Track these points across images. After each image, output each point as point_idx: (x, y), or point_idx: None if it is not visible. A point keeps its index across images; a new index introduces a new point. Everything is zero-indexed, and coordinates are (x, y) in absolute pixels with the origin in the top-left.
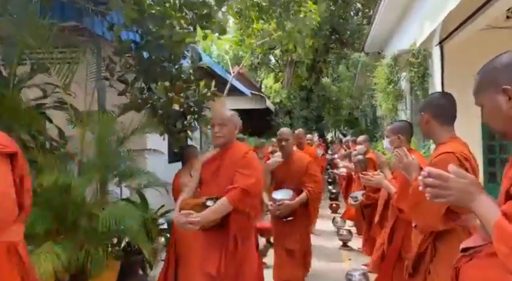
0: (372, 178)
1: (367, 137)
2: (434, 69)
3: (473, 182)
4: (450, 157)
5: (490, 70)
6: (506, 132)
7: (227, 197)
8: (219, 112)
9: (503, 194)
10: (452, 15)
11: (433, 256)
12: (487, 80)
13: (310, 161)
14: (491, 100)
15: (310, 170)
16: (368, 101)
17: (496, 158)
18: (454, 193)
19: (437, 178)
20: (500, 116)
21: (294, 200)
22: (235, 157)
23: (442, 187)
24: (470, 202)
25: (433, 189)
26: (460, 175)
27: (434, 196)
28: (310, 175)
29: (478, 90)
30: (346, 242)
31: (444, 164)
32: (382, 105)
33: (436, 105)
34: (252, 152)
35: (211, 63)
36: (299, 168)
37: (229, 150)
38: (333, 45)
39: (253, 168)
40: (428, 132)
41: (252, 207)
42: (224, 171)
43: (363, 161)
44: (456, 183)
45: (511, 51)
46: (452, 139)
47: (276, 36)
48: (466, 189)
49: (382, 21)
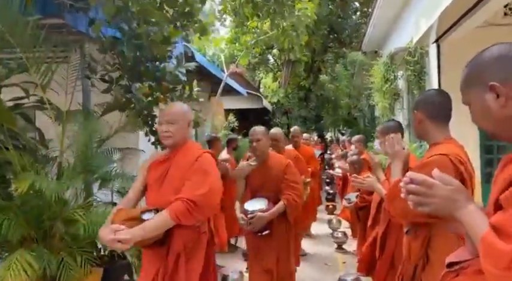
0: (364, 181)
1: (361, 137)
2: (431, 68)
3: (459, 189)
4: (443, 159)
5: (477, 64)
6: (495, 133)
7: (168, 210)
8: (168, 108)
9: (492, 204)
10: (448, 12)
11: (425, 264)
12: (473, 76)
13: (288, 165)
14: (478, 98)
15: (288, 175)
16: (366, 100)
17: (494, 159)
18: (438, 201)
19: (420, 184)
20: (488, 116)
21: (270, 210)
22: (186, 161)
23: (426, 194)
24: (456, 210)
25: (415, 196)
26: (445, 181)
27: (417, 204)
28: (288, 181)
29: (464, 87)
30: (341, 244)
31: (436, 167)
32: (378, 104)
33: (430, 104)
34: (207, 155)
35: (205, 63)
36: (276, 173)
37: (180, 152)
38: (331, 45)
39: (206, 174)
40: (422, 132)
41: (204, 221)
42: (171, 177)
43: (357, 161)
44: (441, 190)
45: (502, 43)
46: (447, 140)
47: (271, 34)
48: (452, 197)
49: (379, 19)
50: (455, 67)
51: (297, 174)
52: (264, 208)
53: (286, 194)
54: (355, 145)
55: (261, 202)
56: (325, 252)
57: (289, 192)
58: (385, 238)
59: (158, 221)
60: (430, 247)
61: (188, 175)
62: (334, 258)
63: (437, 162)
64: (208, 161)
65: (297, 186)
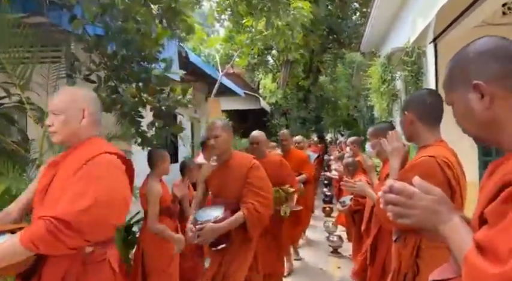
0: (355, 185)
1: (356, 139)
2: (428, 68)
3: (441, 200)
4: (430, 161)
5: (460, 60)
6: (478, 136)
7: (21, 234)
8: (55, 95)
9: (477, 217)
10: (445, 11)
11: (415, 274)
12: (456, 73)
13: (253, 167)
14: (461, 98)
15: (252, 179)
16: (364, 101)
17: (491, 161)
18: (418, 212)
19: (399, 193)
20: (471, 118)
21: (226, 220)
22: (73, 164)
23: (406, 204)
24: (439, 224)
25: (394, 208)
26: (426, 190)
27: (396, 215)
28: (251, 185)
29: (446, 85)
30: (336, 248)
31: (420, 170)
32: (376, 105)
33: (421, 104)
34: (105, 156)
35: (200, 63)
36: (238, 175)
37: (74, 152)
38: (331, 45)
39: (91, 182)
40: (412, 134)
41: (107, 244)
42: (53, 186)
43: (351, 164)
44: (421, 200)
45: (488, 37)
46: (437, 142)
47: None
48: (433, 208)
49: (377, 19)
50: None
51: (265, 179)
52: (220, 216)
53: (248, 202)
54: (350, 146)
55: (216, 210)
56: (320, 256)
57: (251, 200)
58: (376, 244)
59: (5, 249)
60: (420, 256)
61: (69, 183)
62: (329, 262)
63: (423, 165)
64: (102, 165)
65: (262, 193)
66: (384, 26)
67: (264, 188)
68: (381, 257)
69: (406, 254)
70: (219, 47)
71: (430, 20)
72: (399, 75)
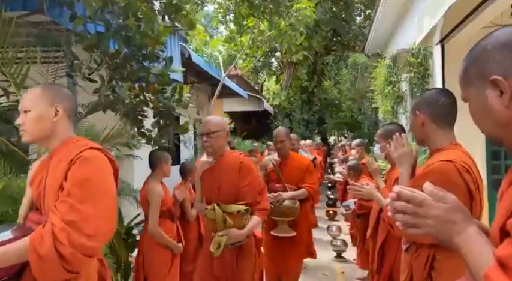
0: (362, 189)
1: (362, 142)
2: (435, 69)
3: (455, 208)
4: (448, 166)
5: (477, 54)
6: (496, 138)
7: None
8: None
9: (497, 228)
10: (453, 12)
11: None
12: (472, 68)
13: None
14: (478, 95)
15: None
16: (368, 103)
17: (500, 165)
18: (430, 222)
19: (409, 201)
20: (488, 117)
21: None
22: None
23: (416, 213)
24: (454, 235)
25: (403, 216)
26: (438, 197)
27: (406, 225)
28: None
29: (462, 81)
30: (340, 253)
31: (439, 175)
32: (381, 108)
33: (434, 104)
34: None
35: (203, 64)
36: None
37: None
38: (334, 47)
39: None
40: (423, 137)
41: None
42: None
43: (354, 166)
44: (433, 209)
45: (507, 27)
46: (452, 145)
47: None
48: (447, 217)
49: (382, 21)
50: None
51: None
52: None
53: None
54: (355, 149)
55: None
56: (324, 260)
57: None
58: (384, 251)
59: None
60: (435, 268)
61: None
62: (332, 267)
63: (440, 170)
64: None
65: None
66: (389, 27)
67: None
68: (388, 264)
69: (419, 266)
70: (222, 49)
71: (437, 21)
72: (404, 77)
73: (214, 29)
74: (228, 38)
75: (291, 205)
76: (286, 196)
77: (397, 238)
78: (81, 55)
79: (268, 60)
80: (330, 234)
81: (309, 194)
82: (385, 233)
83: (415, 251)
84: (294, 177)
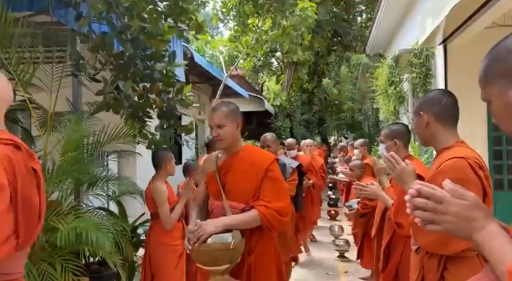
0: (367, 188)
1: (364, 141)
2: (437, 70)
3: (476, 205)
4: (462, 163)
5: (499, 53)
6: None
7: None
8: None
9: None
10: (456, 12)
11: None
12: (494, 67)
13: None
14: (500, 94)
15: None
16: (370, 104)
17: (503, 165)
18: (450, 219)
19: (428, 197)
20: (511, 117)
21: None
22: None
23: (436, 210)
24: (474, 232)
25: (423, 213)
26: (458, 194)
27: (425, 221)
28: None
29: (482, 80)
30: (343, 253)
31: (454, 173)
32: (383, 108)
33: (437, 104)
34: None
35: (205, 64)
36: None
37: None
38: (335, 48)
39: None
40: (428, 137)
41: None
42: None
43: (358, 166)
44: (453, 206)
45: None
46: (458, 143)
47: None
48: (467, 214)
49: (384, 21)
50: (463, 70)
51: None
52: None
53: None
54: (359, 149)
55: None
56: (326, 260)
57: None
58: (389, 250)
59: None
60: (447, 268)
61: None
62: (335, 267)
63: (454, 167)
64: None
65: None
66: (390, 28)
67: None
68: (393, 264)
69: (431, 266)
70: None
71: (440, 21)
72: (406, 77)
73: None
74: (232, 37)
75: (221, 244)
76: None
77: (403, 237)
78: (86, 55)
79: (268, 60)
80: (332, 234)
81: (264, 221)
82: (391, 233)
83: (426, 251)
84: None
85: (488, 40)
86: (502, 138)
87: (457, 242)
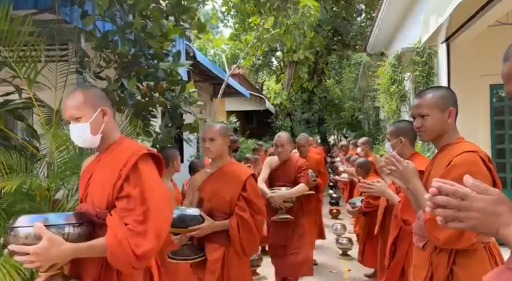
0: (373, 186)
1: (367, 140)
2: (440, 68)
3: (500, 200)
4: (474, 157)
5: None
6: None
7: None
8: None
9: None
10: (459, 11)
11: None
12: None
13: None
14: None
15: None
16: (370, 103)
17: (506, 163)
18: (475, 215)
19: (451, 195)
20: None
21: None
22: None
23: (459, 207)
24: (501, 227)
25: (445, 210)
26: (481, 189)
27: (448, 218)
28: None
29: (506, 74)
30: (346, 251)
31: (467, 167)
32: (384, 106)
33: (456, 101)
34: None
35: (206, 63)
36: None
37: None
38: (335, 47)
39: None
40: (442, 132)
41: None
42: None
43: (363, 164)
44: (477, 202)
45: None
46: (461, 139)
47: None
48: (493, 210)
49: (385, 21)
50: (466, 68)
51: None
52: None
53: None
54: (361, 147)
55: None
56: (330, 258)
57: None
58: (395, 247)
59: None
60: (456, 262)
61: None
62: (338, 265)
63: (467, 161)
64: None
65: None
66: (392, 26)
67: None
68: (399, 259)
69: (441, 262)
70: (226, 47)
71: (443, 20)
72: (408, 76)
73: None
74: (233, 35)
75: None
76: None
77: (409, 234)
78: (91, 53)
79: (268, 60)
80: (334, 232)
81: None
82: (397, 230)
83: (434, 248)
84: None
85: (491, 39)
86: (505, 136)
87: (470, 236)
